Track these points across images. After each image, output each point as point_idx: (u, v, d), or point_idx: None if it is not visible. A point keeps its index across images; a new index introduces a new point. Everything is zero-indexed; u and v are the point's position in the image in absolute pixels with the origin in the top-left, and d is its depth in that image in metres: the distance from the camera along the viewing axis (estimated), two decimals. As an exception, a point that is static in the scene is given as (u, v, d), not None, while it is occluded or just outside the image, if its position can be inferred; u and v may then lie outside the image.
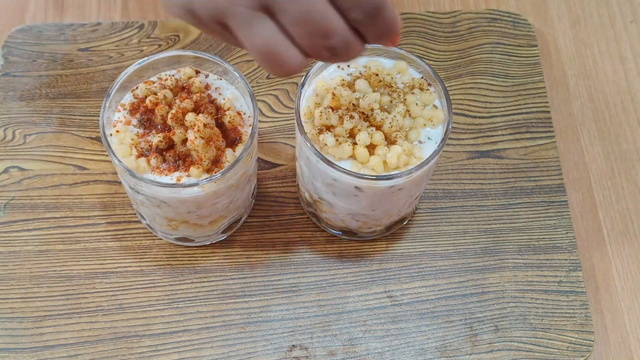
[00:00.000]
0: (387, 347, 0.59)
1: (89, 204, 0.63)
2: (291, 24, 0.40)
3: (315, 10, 0.39)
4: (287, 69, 0.41)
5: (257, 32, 0.40)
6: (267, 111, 0.68)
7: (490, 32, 0.73)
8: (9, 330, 0.58)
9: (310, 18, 0.39)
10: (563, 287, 0.62)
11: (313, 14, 0.39)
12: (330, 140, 0.53)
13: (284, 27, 0.40)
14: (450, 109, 0.54)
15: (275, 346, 0.59)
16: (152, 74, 0.57)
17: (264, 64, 0.41)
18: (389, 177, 0.52)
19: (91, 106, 0.67)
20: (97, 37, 0.70)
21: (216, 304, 0.60)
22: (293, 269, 0.62)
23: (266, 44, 0.40)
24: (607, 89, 0.72)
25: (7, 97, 0.67)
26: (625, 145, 0.70)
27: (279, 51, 0.40)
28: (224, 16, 0.40)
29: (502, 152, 0.67)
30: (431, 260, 0.63)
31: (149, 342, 0.58)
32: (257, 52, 0.41)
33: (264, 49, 0.40)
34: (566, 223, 0.64)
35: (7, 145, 0.65)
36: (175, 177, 0.53)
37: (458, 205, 0.65)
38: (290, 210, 0.64)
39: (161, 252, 0.62)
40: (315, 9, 0.39)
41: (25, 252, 0.61)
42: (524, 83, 0.71)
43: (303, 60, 0.41)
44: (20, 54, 0.69)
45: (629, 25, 0.76)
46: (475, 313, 0.61)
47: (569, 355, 0.59)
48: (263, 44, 0.40)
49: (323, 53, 0.41)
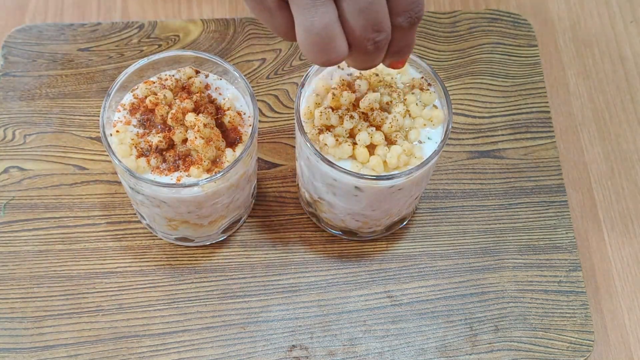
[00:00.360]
0: (387, 347, 0.59)
1: (89, 204, 0.63)
2: (354, 13, 0.40)
3: (378, 3, 0.40)
4: (335, 58, 0.41)
5: (320, 14, 0.40)
6: (267, 111, 0.68)
7: (490, 32, 0.73)
8: (9, 330, 0.58)
9: (373, 10, 0.40)
10: (563, 287, 0.62)
11: (375, 6, 0.40)
12: (330, 140, 0.53)
13: (343, 15, 0.41)
14: (450, 109, 0.54)
15: (275, 346, 0.59)
16: (152, 74, 0.57)
17: (313, 48, 0.41)
18: (389, 177, 0.52)
19: (91, 106, 0.67)
20: (97, 37, 0.70)
21: (216, 304, 0.60)
22: (293, 269, 0.62)
23: (325, 28, 0.40)
24: (607, 89, 0.72)
25: (7, 97, 0.67)
26: (625, 145, 0.70)
27: (334, 37, 0.41)
28: None
29: (502, 152, 0.67)
30: (431, 260, 0.63)
31: (149, 342, 0.58)
32: (313, 35, 0.40)
33: (323, 32, 0.40)
34: (566, 223, 0.64)
35: (7, 145, 0.65)
36: (175, 177, 0.53)
37: (458, 205, 0.65)
38: (290, 210, 0.64)
39: (161, 252, 0.62)
40: (377, 1, 0.40)
41: (25, 252, 0.61)
42: (524, 83, 0.71)
43: (347, 51, 0.42)
44: (20, 54, 0.69)
45: (629, 25, 0.76)
46: (475, 313, 0.61)
47: (569, 355, 0.59)
48: (323, 28, 0.40)
49: (368, 46, 0.42)
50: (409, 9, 0.42)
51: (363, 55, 0.43)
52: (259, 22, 0.72)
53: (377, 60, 0.44)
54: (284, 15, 0.41)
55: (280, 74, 0.70)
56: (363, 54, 0.42)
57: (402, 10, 0.42)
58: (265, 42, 0.71)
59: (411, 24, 0.42)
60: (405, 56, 0.46)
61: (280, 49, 0.71)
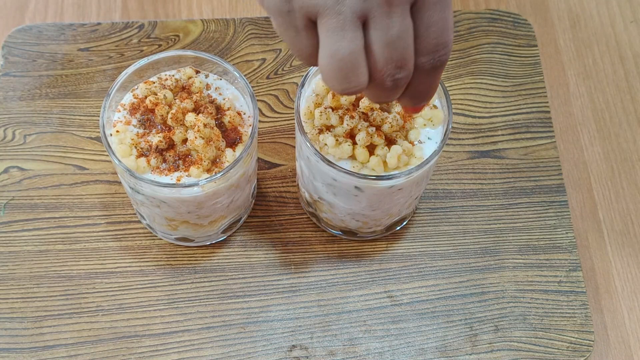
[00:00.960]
0: (387, 347, 0.59)
1: (89, 204, 0.63)
2: (380, 44, 0.39)
3: (406, 38, 0.39)
4: (355, 87, 0.40)
5: (347, 40, 0.39)
6: (267, 111, 0.68)
7: (490, 32, 0.73)
8: (9, 330, 0.58)
9: (399, 45, 0.39)
10: (563, 287, 0.62)
11: (402, 42, 0.39)
12: (330, 140, 0.53)
13: (369, 45, 0.40)
14: (450, 109, 0.54)
15: (275, 346, 0.59)
16: (152, 74, 0.57)
17: (335, 74, 0.40)
18: (389, 177, 0.52)
19: (91, 106, 0.67)
20: (97, 37, 0.70)
21: (216, 304, 0.60)
22: (293, 269, 0.62)
23: (351, 55, 0.39)
24: (607, 89, 0.72)
25: (7, 97, 0.67)
26: (625, 145, 0.70)
27: (357, 65, 0.40)
28: (323, 12, 0.39)
29: (502, 152, 0.67)
30: (431, 260, 0.63)
31: (149, 342, 0.58)
32: (337, 60, 0.39)
33: (347, 59, 0.39)
34: (566, 223, 0.64)
35: (7, 145, 0.65)
36: (175, 177, 0.53)
37: (458, 205, 0.65)
38: (290, 210, 0.64)
39: (161, 252, 0.62)
40: (406, 37, 0.39)
41: (25, 252, 0.61)
42: (524, 83, 0.71)
43: (367, 82, 0.41)
44: (20, 54, 0.69)
45: (629, 25, 0.76)
46: (475, 313, 0.61)
47: (569, 355, 0.59)
48: (348, 54, 0.39)
49: (386, 82, 0.41)
50: (434, 51, 0.41)
51: (380, 90, 0.42)
52: (259, 22, 0.72)
53: (392, 97, 0.43)
54: (310, 36, 0.41)
55: (280, 74, 0.70)
56: (380, 88, 0.41)
57: (427, 51, 0.40)
58: (265, 42, 0.71)
59: (434, 67, 0.41)
60: (423, 102, 0.44)
61: (280, 49, 0.71)
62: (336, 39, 0.39)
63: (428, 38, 0.40)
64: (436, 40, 0.40)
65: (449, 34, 0.41)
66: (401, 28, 0.39)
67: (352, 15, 0.39)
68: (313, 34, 0.40)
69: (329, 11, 0.39)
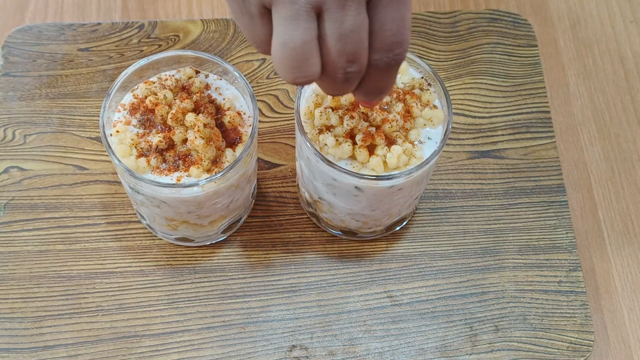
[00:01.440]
0: (387, 347, 0.59)
1: (89, 204, 0.63)
2: (333, 36, 0.39)
3: (359, 32, 0.39)
4: (306, 77, 0.40)
5: (300, 29, 0.39)
6: (267, 111, 0.68)
7: (490, 32, 0.73)
8: (9, 330, 0.58)
9: (352, 39, 0.39)
10: (563, 287, 0.62)
11: (355, 36, 0.39)
12: (330, 140, 0.53)
13: (322, 36, 0.40)
14: (450, 109, 0.54)
15: (275, 346, 0.59)
16: (152, 74, 0.57)
17: (287, 63, 0.40)
18: (389, 177, 0.52)
19: (91, 106, 0.67)
20: (97, 37, 0.70)
21: (216, 304, 0.60)
22: (293, 269, 0.62)
23: (303, 45, 0.39)
24: (607, 89, 0.72)
25: (7, 97, 0.67)
26: (625, 145, 0.70)
27: (310, 56, 0.39)
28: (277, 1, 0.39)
29: (502, 152, 0.67)
30: (431, 260, 0.63)
31: (149, 342, 0.58)
32: (289, 49, 0.39)
33: (299, 48, 0.39)
34: (566, 223, 0.64)
35: (7, 145, 0.65)
36: (175, 177, 0.53)
37: (458, 205, 0.65)
38: (290, 210, 0.64)
39: (161, 252, 0.62)
40: (359, 32, 0.39)
41: (25, 252, 0.61)
42: (524, 83, 0.71)
43: (319, 73, 0.41)
44: (20, 54, 0.69)
45: (629, 25, 0.76)
46: (475, 313, 0.61)
47: (569, 355, 0.59)
48: (300, 43, 0.39)
49: (337, 74, 0.41)
50: (389, 49, 0.40)
51: (332, 82, 0.41)
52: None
53: (345, 91, 0.43)
54: (264, 23, 0.40)
55: (280, 74, 0.70)
56: (332, 80, 0.41)
57: (382, 48, 0.40)
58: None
59: (387, 65, 0.41)
60: (376, 99, 0.44)
61: (280, 49, 0.71)
62: (290, 28, 0.39)
63: (383, 35, 0.40)
64: (392, 39, 0.40)
65: (406, 32, 0.40)
66: (355, 22, 0.39)
67: (307, 6, 0.39)
68: (267, 21, 0.40)
69: (283, 1, 0.39)
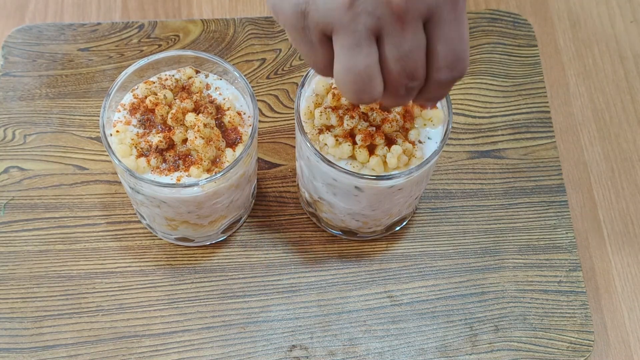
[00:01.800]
0: (387, 347, 0.59)
1: (89, 204, 0.63)
2: (393, 59, 0.41)
3: (418, 52, 0.41)
4: (370, 97, 0.42)
5: (363, 55, 0.41)
6: (267, 111, 0.68)
7: (490, 32, 0.73)
8: (9, 330, 0.58)
9: (411, 59, 0.41)
10: (563, 287, 0.62)
11: (415, 56, 0.41)
12: (330, 140, 0.53)
13: (382, 59, 0.41)
14: (450, 109, 0.54)
15: (275, 346, 0.59)
16: (152, 74, 0.57)
17: (352, 87, 0.42)
18: (389, 177, 0.52)
19: (91, 106, 0.67)
20: (97, 37, 0.70)
21: (216, 304, 0.60)
22: (293, 269, 0.62)
23: (367, 69, 0.41)
24: (607, 89, 0.72)
25: (7, 97, 0.67)
26: (625, 145, 0.70)
27: (373, 78, 0.41)
28: (338, 29, 0.40)
29: (502, 152, 0.67)
30: (431, 260, 0.63)
31: (149, 342, 0.58)
32: (353, 74, 0.41)
33: (363, 73, 0.41)
34: (566, 223, 0.64)
35: (7, 145, 0.65)
36: (175, 177, 0.53)
37: (458, 205, 0.65)
38: (290, 210, 0.64)
39: (161, 252, 0.62)
40: (418, 52, 0.41)
41: (25, 252, 0.61)
42: (524, 83, 0.71)
43: (382, 92, 0.42)
44: (20, 54, 0.69)
45: (629, 25, 0.76)
46: (475, 313, 0.61)
47: (569, 355, 0.59)
48: (364, 69, 0.41)
49: (400, 91, 0.43)
50: (451, 67, 0.42)
51: (394, 97, 0.44)
52: (259, 22, 0.72)
53: (405, 102, 0.45)
54: (324, 50, 0.42)
55: (280, 74, 0.70)
56: (394, 96, 0.43)
57: (445, 65, 0.42)
58: (265, 42, 0.71)
59: (451, 81, 0.43)
60: (436, 102, 0.47)
61: (280, 49, 0.71)
62: (352, 54, 0.41)
63: (444, 54, 0.42)
64: (452, 56, 0.42)
65: (466, 49, 0.42)
66: (413, 43, 0.41)
67: (367, 32, 0.40)
68: (328, 47, 0.42)
69: (344, 29, 0.40)
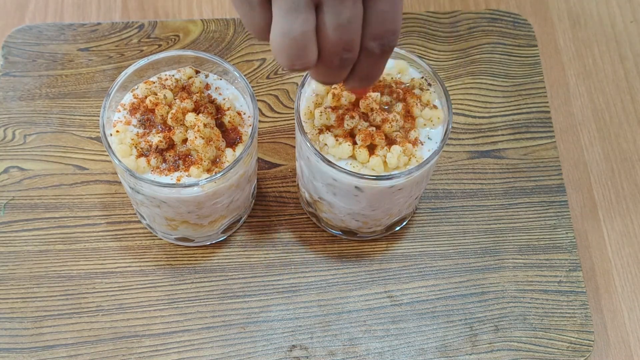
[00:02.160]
0: (387, 347, 0.59)
1: (89, 204, 0.63)
2: (331, 27, 0.41)
3: (355, 22, 0.41)
4: (303, 64, 0.42)
5: (299, 20, 0.41)
6: (267, 111, 0.68)
7: (490, 32, 0.73)
8: (9, 330, 0.58)
9: (349, 28, 0.41)
10: (563, 287, 0.62)
11: (352, 26, 0.41)
12: (330, 140, 0.53)
13: (319, 26, 0.41)
14: (450, 109, 0.54)
15: (275, 346, 0.59)
16: (152, 74, 0.57)
17: (286, 52, 0.42)
18: (389, 177, 0.52)
19: (91, 106, 0.67)
20: (97, 37, 0.70)
21: (216, 304, 0.60)
22: (293, 269, 0.62)
23: (303, 35, 0.41)
24: (607, 89, 0.72)
25: (7, 97, 0.67)
26: (625, 145, 0.70)
27: (308, 45, 0.41)
28: None
29: (502, 152, 0.67)
30: (431, 260, 0.63)
31: (149, 342, 0.58)
32: (289, 39, 0.41)
33: (299, 38, 0.41)
34: (566, 223, 0.64)
35: (7, 145, 0.65)
36: (175, 177, 0.53)
37: (458, 205, 0.65)
38: (290, 210, 0.64)
39: (161, 252, 0.62)
40: (356, 22, 0.42)
41: (25, 252, 0.61)
42: (524, 83, 0.71)
43: (316, 60, 0.42)
44: (20, 54, 0.69)
45: (629, 25, 0.76)
46: (475, 313, 0.61)
47: (569, 355, 0.59)
48: (300, 34, 0.41)
49: (334, 61, 0.43)
50: (383, 36, 0.43)
51: (327, 69, 0.44)
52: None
53: (338, 78, 0.45)
54: (263, 12, 0.42)
55: (280, 74, 0.70)
56: (328, 67, 0.43)
57: (376, 34, 0.42)
58: (265, 42, 0.71)
59: (383, 51, 0.43)
60: (369, 85, 0.46)
61: (280, 49, 0.71)
62: (290, 19, 0.41)
63: (378, 25, 0.42)
64: (385, 27, 0.42)
65: (398, 21, 0.43)
66: (352, 13, 0.41)
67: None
68: (266, 9, 0.42)
69: None
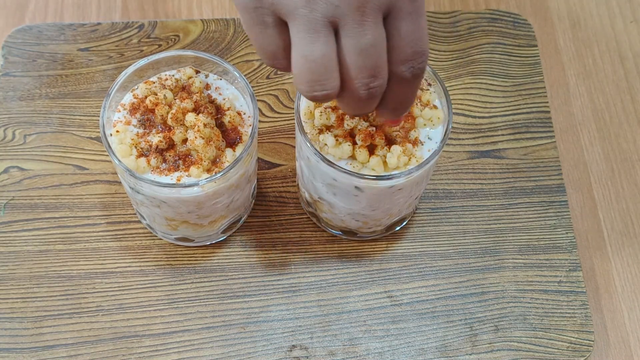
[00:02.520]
0: (387, 347, 0.59)
1: (89, 204, 0.63)
2: (353, 51, 0.39)
3: (377, 45, 0.39)
4: (326, 92, 0.40)
5: (319, 43, 0.39)
6: (267, 111, 0.68)
7: (490, 32, 0.73)
8: (9, 330, 0.58)
9: (372, 52, 0.39)
10: (563, 287, 0.62)
11: (375, 50, 0.39)
12: (330, 140, 0.53)
13: (341, 52, 0.39)
14: (450, 109, 0.54)
15: (275, 346, 0.59)
16: (152, 74, 0.57)
17: (307, 76, 0.40)
18: (389, 177, 0.52)
19: (91, 106, 0.67)
20: (97, 37, 0.70)
21: (216, 304, 0.60)
22: (293, 269, 0.62)
23: (324, 57, 0.39)
24: (607, 89, 0.72)
25: (7, 97, 0.67)
26: (625, 145, 0.70)
27: (329, 69, 0.39)
28: (293, 12, 0.39)
29: (502, 152, 0.67)
30: (431, 260, 0.63)
31: (149, 342, 0.58)
32: (310, 62, 0.39)
33: (320, 61, 0.39)
34: (566, 223, 0.64)
35: (7, 145, 0.65)
36: (175, 177, 0.53)
37: (458, 205, 0.65)
38: (290, 210, 0.64)
39: (161, 252, 0.62)
40: (379, 46, 0.39)
41: (25, 252, 0.61)
42: (524, 83, 0.71)
43: (338, 88, 0.40)
44: (20, 54, 0.69)
45: (629, 25, 0.76)
46: (475, 313, 0.61)
47: (569, 355, 0.59)
48: (321, 57, 0.39)
49: (360, 90, 0.40)
50: (412, 59, 0.40)
51: (354, 100, 0.41)
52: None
53: (367, 109, 0.42)
54: (278, 33, 0.40)
55: (280, 74, 0.70)
56: (355, 99, 0.41)
57: (405, 58, 0.40)
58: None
59: (414, 75, 0.41)
60: (403, 112, 0.44)
61: (280, 49, 0.71)
62: (309, 40, 0.39)
63: (405, 47, 0.40)
64: (413, 49, 0.40)
65: (425, 42, 0.41)
66: (374, 36, 0.39)
67: (323, 19, 0.38)
68: (282, 31, 0.40)
69: (300, 13, 0.39)
